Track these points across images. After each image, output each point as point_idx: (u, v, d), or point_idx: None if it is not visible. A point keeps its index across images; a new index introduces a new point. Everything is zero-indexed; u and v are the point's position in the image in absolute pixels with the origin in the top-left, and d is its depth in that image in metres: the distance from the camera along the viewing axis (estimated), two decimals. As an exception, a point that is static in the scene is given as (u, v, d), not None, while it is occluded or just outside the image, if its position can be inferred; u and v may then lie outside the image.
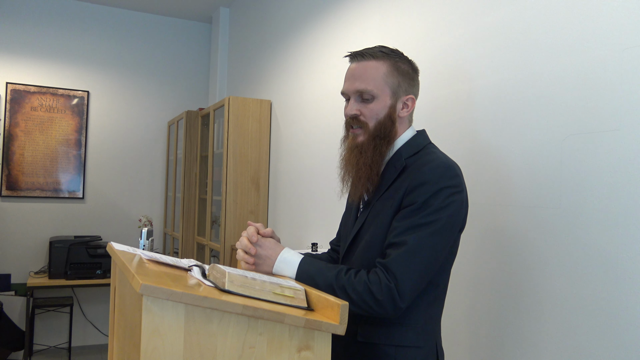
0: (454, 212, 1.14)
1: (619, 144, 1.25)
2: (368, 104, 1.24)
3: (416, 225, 1.12)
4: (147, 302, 0.84)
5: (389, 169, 1.25)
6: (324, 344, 0.96)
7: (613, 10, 1.28)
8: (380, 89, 1.23)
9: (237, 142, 3.41)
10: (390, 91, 1.24)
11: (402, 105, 1.26)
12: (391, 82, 1.24)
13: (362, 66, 1.25)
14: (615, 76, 1.27)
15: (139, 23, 4.77)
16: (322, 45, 2.85)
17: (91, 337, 4.48)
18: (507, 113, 1.57)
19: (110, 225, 4.60)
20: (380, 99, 1.23)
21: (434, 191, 1.12)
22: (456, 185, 1.16)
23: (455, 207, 1.15)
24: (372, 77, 1.23)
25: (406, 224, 1.13)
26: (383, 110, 1.23)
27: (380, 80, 1.23)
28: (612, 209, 1.26)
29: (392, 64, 1.24)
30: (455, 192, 1.15)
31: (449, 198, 1.13)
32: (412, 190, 1.15)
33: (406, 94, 1.26)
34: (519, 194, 1.51)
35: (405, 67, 1.27)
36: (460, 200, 1.16)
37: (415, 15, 2.04)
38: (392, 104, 1.24)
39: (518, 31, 1.55)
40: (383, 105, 1.23)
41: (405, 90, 1.26)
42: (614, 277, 1.25)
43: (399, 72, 1.25)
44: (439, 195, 1.12)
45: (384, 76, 1.23)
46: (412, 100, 1.27)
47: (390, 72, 1.24)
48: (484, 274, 1.63)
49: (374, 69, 1.23)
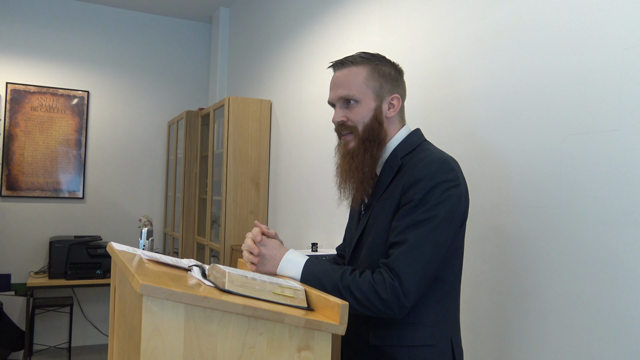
0: (452, 207, 1.14)
1: (619, 144, 1.25)
2: (353, 108, 1.26)
3: (415, 223, 1.12)
4: (147, 302, 0.84)
5: (385, 170, 1.26)
6: (324, 344, 0.96)
7: (613, 10, 1.28)
8: (363, 92, 1.25)
9: (237, 142, 3.41)
10: (373, 94, 1.26)
11: (387, 106, 1.27)
12: (373, 84, 1.26)
13: (343, 74, 1.28)
14: (615, 76, 1.27)
15: (139, 23, 4.77)
16: (322, 46, 2.85)
17: (91, 337, 4.48)
18: (507, 113, 1.57)
19: (110, 225, 4.60)
20: (364, 102, 1.25)
21: (430, 187, 1.13)
22: (452, 179, 1.16)
23: (453, 201, 1.15)
24: (354, 82, 1.25)
25: (405, 222, 1.13)
26: (368, 113, 1.25)
27: (361, 85, 1.25)
28: (612, 209, 1.26)
29: (373, 68, 1.27)
30: (452, 186, 1.15)
31: (446, 192, 1.13)
32: (408, 187, 1.15)
33: (390, 94, 1.28)
34: (518, 194, 1.51)
35: (387, 69, 1.29)
36: (458, 194, 1.16)
37: (414, 16, 2.04)
38: (377, 105, 1.26)
39: (518, 32, 1.55)
40: (368, 109, 1.25)
41: (388, 90, 1.27)
42: (614, 277, 1.25)
43: (379, 74, 1.27)
44: (435, 191, 1.13)
45: (365, 80, 1.25)
46: (397, 99, 1.28)
47: (371, 75, 1.26)
48: (483, 274, 1.63)
49: (354, 74, 1.26)
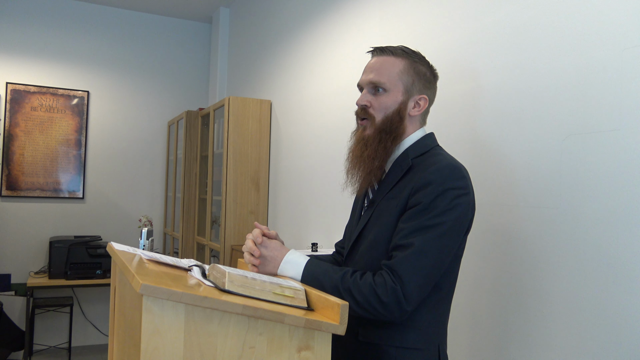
0: (460, 215, 1.13)
1: (619, 144, 1.25)
2: (379, 96, 1.25)
3: (423, 227, 1.10)
4: (147, 302, 0.84)
5: (394, 168, 1.25)
6: (324, 344, 0.96)
7: (613, 10, 1.28)
8: (393, 83, 1.24)
9: (237, 142, 3.41)
10: (403, 87, 1.24)
11: (413, 104, 1.26)
12: (405, 79, 1.24)
13: (380, 60, 1.27)
14: (615, 76, 1.27)
15: (139, 23, 4.77)
16: (322, 46, 2.85)
17: (91, 337, 4.48)
18: (507, 113, 1.57)
19: (110, 225, 4.59)
20: (392, 93, 1.24)
21: (439, 192, 1.11)
22: (463, 187, 1.14)
23: (462, 209, 1.13)
24: (388, 71, 1.24)
25: (412, 226, 1.11)
26: (393, 104, 1.24)
27: (394, 76, 1.24)
28: (612, 209, 1.26)
29: (410, 63, 1.26)
30: (462, 194, 1.13)
31: (455, 200, 1.12)
32: (417, 190, 1.14)
33: (419, 94, 1.26)
34: (518, 193, 1.51)
35: (424, 69, 1.28)
36: (467, 203, 1.15)
37: (414, 16, 2.04)
38: (404, 100, 1.24)
39: (517, 32, 1.55)
40: (393, 100, 1.24)
41: (419, 89, 1.26)
42: (614, 277, 1.25)
43: (415, 71, 1.26)
44: (445, 197, 1.11)
45: (400, 72, 1.24)
46: (425, 100, 1.27)
47: (406, 70, 1.25)
48: (482, 273, 1.63)
49: (390, 64, 1.25)
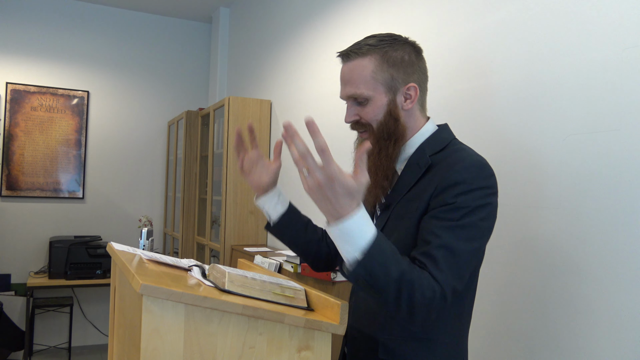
0: (489, 214, 1.05)
1: (619, 144, 1.25)
2: (364, 107, 1.14)
3: (454, 227, 1.00)
4: (147, 302, 0.84)
5: (411, 168, 1.13)
6: (324, 344, 0.96)
7: (613, 10, 1.28)
8: (372, 88, 1.12)
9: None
10: (384, 87, 1.12)
11: (403, 98, 1.14)
12: (382, 77, 1.12)
13: (349, 67, 1.15)
14: (615, 76, 1.27)
15: (139, 23, 4.77)
16: (322, 45, 2.85)
17: (91, 337, 4.48)
18: (507, 113, 1.57)
19: (110, 225, 4.60)
20: (375, 99, 1.13)
21: (469, 191, 1.02)
22: (492, 185, 1.06)
23: (492, 209, 1.05)
24: (360, 77, 1.12)
25: (442, 226, 1.00)
26: (381, 110, 1.13)
27: (369, 80, 1.12)
28: (612, 209, 1.26)
29: (381, 57, 1.12)
30: (491, 193, 1.05)
31: (485, 199, 1.03)
32: (443, 190, 1.03)
33: (405, 84, 1.13)
34: (518, 194, 1.51)
35: (399, 54, 1.13)
36: (496, 203, 1.07)
37: (412, 16, 2.04)
38: (391, 99, 1.13)
39: (517, 32, 1.55)
40: (380, 105, 1.13)
41: (402, 80, 1.13)
42: (614, 277, 1.25)
43: (389, 63, 1.12)
44: (475, 196, 1.02)
45: (373, 73, 1.12)
46: (414, 88, 1.13)
47: (379, 67, 1.12)
48: (482, 274, 1.63)
49: (361, 68, 1.13)
